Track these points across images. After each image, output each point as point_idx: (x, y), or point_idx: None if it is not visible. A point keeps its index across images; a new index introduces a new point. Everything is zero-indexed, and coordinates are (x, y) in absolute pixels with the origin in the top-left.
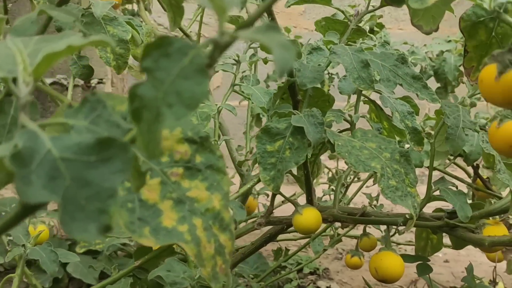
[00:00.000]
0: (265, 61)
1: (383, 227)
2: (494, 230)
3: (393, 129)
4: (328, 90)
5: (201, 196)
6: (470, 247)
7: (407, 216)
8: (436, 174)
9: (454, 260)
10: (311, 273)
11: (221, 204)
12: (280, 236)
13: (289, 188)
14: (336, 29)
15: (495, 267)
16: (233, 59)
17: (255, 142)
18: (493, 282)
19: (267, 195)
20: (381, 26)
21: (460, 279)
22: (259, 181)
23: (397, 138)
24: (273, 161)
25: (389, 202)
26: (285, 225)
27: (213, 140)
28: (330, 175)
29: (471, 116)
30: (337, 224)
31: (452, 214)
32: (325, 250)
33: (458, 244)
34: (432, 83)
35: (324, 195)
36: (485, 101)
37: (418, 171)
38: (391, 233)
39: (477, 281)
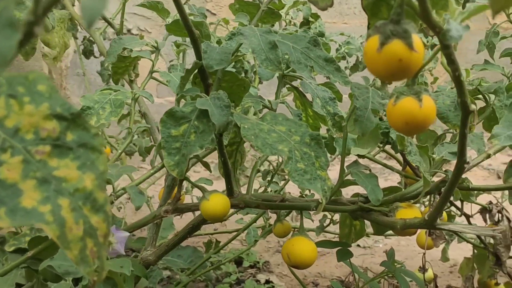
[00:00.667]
0: (177, 45)
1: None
2: (407, 212)
3: (318, 115)
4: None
5: (70, 176)
6: (411, 237)
7: (320, 200)
8: (378, 167)
9: (394, 249)
10: (251, 267)
11: (94, 184)
12: (220, 229)
13: None
14: (249, 11)
15: (424, 254)
16: (152, 45)
17: (160, 126)
18: (423, 269)
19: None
20: (316, 16)
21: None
22: (162, 167)
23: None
24: (177, 146)
25: None
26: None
27: (128, 128)
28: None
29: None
30: (270, 214)
31: (368, 198)
32: (256, 241)
33: (379, 229)
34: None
35: (260, 186)
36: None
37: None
38: (325, 223)
39: (398, 266)
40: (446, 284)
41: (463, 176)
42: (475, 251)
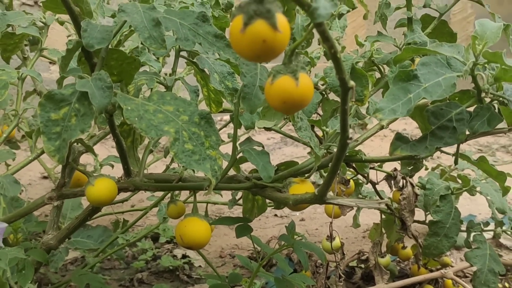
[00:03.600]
0: (60, 22)
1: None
2: (299, 188)
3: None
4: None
5: None
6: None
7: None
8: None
9: (310, 218)
10: (167, 242)
11: None
12: (137, 206)
13: None
14: None
15: (331, 222)
16: (40, 21)
17: (38, 110)
18: (330, 237)
19: (112, 166)
20: None
21: (313, 236)
22: (42, 153)
23: None
24: (58, 130)
25: None
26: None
27: (13, 111)
28: None
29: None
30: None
31: None
32: (165, 218)
33: (278, 204)
34: None
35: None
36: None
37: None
38: (237, 197)
39: (298, 238)
40: (359, 249)
41: (357, 148)
42: (383, 216)
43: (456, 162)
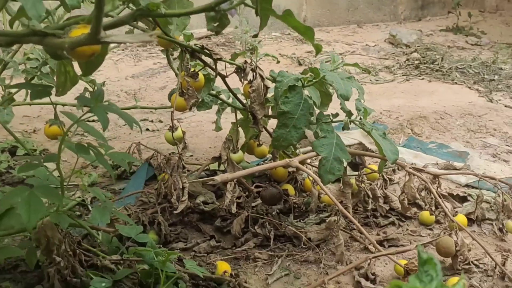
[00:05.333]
0: None
1: None
2: (79, 31)
3: None
4: None
5: None
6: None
7: None
8: None
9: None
10: (27, 154)
11: None
12: None
13: None
14: None
15: (172, 112)
16: None
17: None
18: (172, 128)
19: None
20: None
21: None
22: None
23: None
24: None
25: None
26: None
27: None
28: None
29: None
30: None
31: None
32: None
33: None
34: None
35: None
36: None
37: None
38: None
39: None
40: None
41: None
42: (241, 116)
43: (256, 13)
